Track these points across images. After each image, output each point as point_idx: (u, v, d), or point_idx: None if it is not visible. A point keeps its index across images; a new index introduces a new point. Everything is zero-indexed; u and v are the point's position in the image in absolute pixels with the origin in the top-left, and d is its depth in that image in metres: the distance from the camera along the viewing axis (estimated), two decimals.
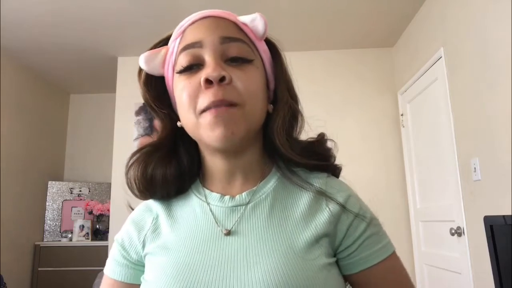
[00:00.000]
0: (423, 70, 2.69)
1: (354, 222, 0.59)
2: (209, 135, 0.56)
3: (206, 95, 0.55)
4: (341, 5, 2.70)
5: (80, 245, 3.56)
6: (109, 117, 3.49)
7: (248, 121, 0.57)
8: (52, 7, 2.65)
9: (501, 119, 1.83)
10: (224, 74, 0.54)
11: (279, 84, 0.64)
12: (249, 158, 0.62)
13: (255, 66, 0.59)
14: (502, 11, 1.80)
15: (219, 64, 0.56)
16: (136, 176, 0.62)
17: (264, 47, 0.63)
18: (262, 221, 0.58)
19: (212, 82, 0.54)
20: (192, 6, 2.64)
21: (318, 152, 0.63)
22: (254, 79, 0.58)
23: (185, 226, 0.61)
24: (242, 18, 0.61)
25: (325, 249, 0.57)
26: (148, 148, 0.63)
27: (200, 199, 0.63)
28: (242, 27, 0.61)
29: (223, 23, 0.59)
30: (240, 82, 0.56)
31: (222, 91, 0.54)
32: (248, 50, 0.59)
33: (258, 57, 0.61)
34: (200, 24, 0.59)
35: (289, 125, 0.62)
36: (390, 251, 0.60)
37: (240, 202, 0.60)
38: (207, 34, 0.58)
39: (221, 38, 0.57)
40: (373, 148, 3.16)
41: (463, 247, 2.20)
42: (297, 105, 0.65)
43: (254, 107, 0.57)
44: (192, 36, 0.59)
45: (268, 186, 0.62)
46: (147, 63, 0.61)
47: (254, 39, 0.61)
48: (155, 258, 0.59)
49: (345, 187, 0.63)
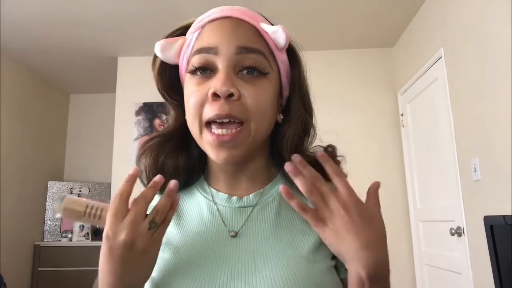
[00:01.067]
0: (423, 70, 2.69)
1: None
2: (211, 155, 0.56)
3: (212, 107, 0.53)
4: (341, 5, 2.70)
5: (80, 245, 3.56)
6: (109, 117, 3.49)
7: (253, 139, 0.56)
8: (52, 8, 2.65)
9: (501, 119, 1.83)
10: (232, 91, 0.53)
11: (294, 95, 0.62)
12: (256, 165, 0.62)
13: (269, 80, 0.57)
14: (502, 11, 1.80)
15: (229, 78, 0.53)
16: (147, 164, 0.61)
17: (283, 58, 0.60)
18: (270, 224, 0.58)
19: (220, 96, 0.53)
20: (192, 6, 2.64)
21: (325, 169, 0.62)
22: (265, 95, 0.56)
23: (191, 224, 0.60)
24: (264, 26, 0.57)
25: (328, 252, 0.57)
26: (161, 138, 0.63)
27: (207, 198, 0.62)
28: (263, 34, 0.58)
29: (242, 29, 0.56)
30: (249, 99, 0.54)
31: (229, 106, 0.53)
32: (264, 62, 0.56)
33: (274, 69, 0.59)
34: (219, 26, 0.57)
35: (298, 139, 0.60)
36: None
37: (248, 203, 0.60)
38: (223, 40, 0.55)
39: (238, 48, 0.55)
40: (373, 148, 3.16)
41: (463, 247, 2.20)
42: (311, 119, 0.63)
43: (261, 124, 0.56)
44: (209, 38, 0.56)
45: (275, 189, 0.62)
46: (163, 51, 0.59)
47: (274, 49, 0.58)
48: (160, 254, 0.58)
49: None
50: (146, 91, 3.13)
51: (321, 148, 0.64)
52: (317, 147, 0.64)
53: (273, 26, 0.57)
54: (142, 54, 3.31)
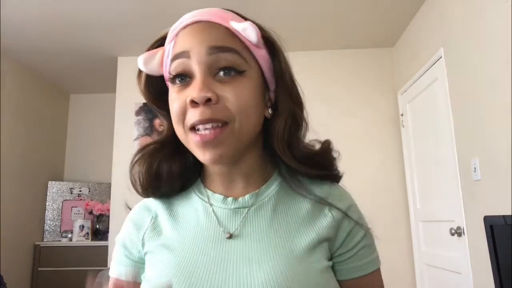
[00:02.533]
0: (423, 70, 2.69)
1: (353, 230, 0.60)
2: (199, 156, 0.56)
3: (194, 113, 0.53)
4: (341, 5, 2.70)
5: (80, 245, 3.56)
6: (109, 117, 3.49)
7: (238, 138, 0.55)
8: (52, 8, 2.65)
9: (501, 119, 1.83)
10: (209, 96, 0.52)
11: (279, 88, 0.61)
12: (249, 163, 0.61)
13: (248, 78, 0.56)
14: (502, 11, 1.80)
15: (205, 83, 0.53)
16: (141, 172, 0.62)
17: (262, 53, 0.59)
18: (265, 224, 0.59)
19: (198, 103, 0.53)
20: (192, 7, 2.64)
21: (321, 163, 0.62)
22: (245, 93, 0.55)
23: (187, 226, 0.61)
24: (233, 25, 0.56)
25: (325, 252, 0.57)
26: (154, 146, 0.63)
27: (203, 199, 0.62)
28: (235, 32, 0.57)
29: (214, 30, 0.56)
30: (229, 100, 0.53)
31: (209, 110, 0.53)
32: (239, 60, 0.55)
33: (252, 66, 0.58)
34: (190, 31, 0.57)
35: (289, 133, 0.59)
36: (378, 265, 0.62)
37: (243, 204, 0.60)
38: (194, 43, 0.55)
39: (209, 49, 0.54)
40: (373, 148, 3.16)
41: (463, 247, 2.20)
42: (300, 111, 0.62)
43: (245, 122, 0.55)
44: (181, 44, 0.56)
45: (270, 189, 0.62)
46: (146, 64, 0.60)
47: (249, 45, 0.57)
48: (156, 256, 0.59)
49: (347, 196, 0.64)
50: None
51: (318, 143, 0.64)
52: (313, 141, 0.64)
53: (242, 23, 0.56)
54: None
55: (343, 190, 0.64)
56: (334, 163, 0.64)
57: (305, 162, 0.60)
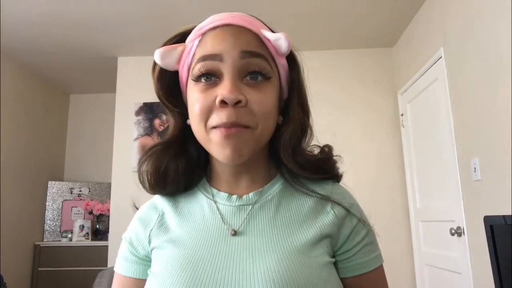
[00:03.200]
0: (423, 70, 2.69)
1: (356, 228, 0.61)
2: (218, 154, 0.57)
3: (219, 115, 0.55)
4: (341, 5, 2.70)
5: (80, 245, 3.56)
6: (109, 117, 3.49)
7: (258, 142, 0.58)
8: (52, 8, 2.65)
9: (501, 119, 1.83)
10: (240, 98, 0.54)
11: (293, 98, 0.63)
12: (255, 163, 0.64)
13: (272, 84, 0.59)
14: (502, 11, 1.80)
15: (236, 85, 0.55)
16: (148, 171, 0.63)
17: (283, 62, 0.62)
18: (268, 221, 0.60)
19: (227, 103, 0.54)
20: (192, 7, 2.64)
21: (322, 167, 0.64)
22: (269, 99, 0.57)
23: (193, 223, 0.62)
24: (266, 34, 0.59)
25: (327, 249, 0.59)
26: (161, 146, 0.64)
27: (208, 197, 0.64)
28: (264, 41, 0.59)
29: (244, 35, 0.57)
30: (255, 105, 0.55)
31: (236, 114, 0.54)
32: (267, 67, 0.58)
33: (276, 73, 0.60)
34: (221, 33, 0.57)
35: (295, 141, 0.62)
36: (381, 262, 0.63)
37: (247, 201, 0.62)
38: (227, 47, 0.56)
39: (242, 53, 0.56)
40: (373, 148, 3.16)
41: (463, 247, 2.20)
42: (308, 120, 0.64)
43: (266, 128, 0.58)
44: (212, 46, 0.57)
45: (274, 188, 0.64)
46: (163, 58, 0.60)
47: (274, 54, 0.60)
48: (162, 251, 0.60)
49: (349, 194, 0.65)
50: (146, 91, 3.12)
51: (317, 148, 0.66)
52: (313, 147, 0.65)
53: (276, 33, 0.59)
54: (142, 54, 3.31)
55: (345, 189, 0.66)
56: (335, 167, 0.66)
57: (307, 167, 0.62)
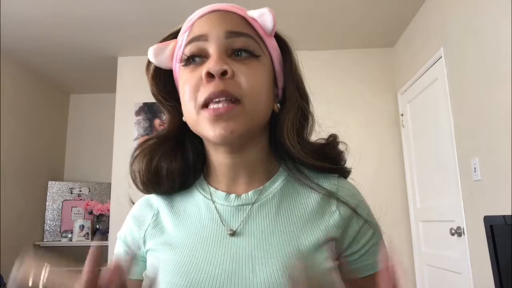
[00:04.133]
0: (423, 70, 2.68)
1: (363, 228, 0.59)
2: (209, 133, 0.55)
3: (207, 88, 0.54)
4: (341, 5, 2.70)
5: (80, 245, 3.55)
6: (109, 117, 3.49)
7: (249, 117, 0.55)
8: (52, 8, 2.65)
9: (501, 119, 1.83)
10: (226, 68, 0.53)
11: (288, 83, 0.62)
12: (254, 156, 0.61)
13: (261, 63, 0.58)
14: (502, 11, 1.80)
15: (222, 58, 0.54)
16: (140, 168, 0.61)
17: (274, 44, 0.61)
18: (269, 222, 0.57)
19: (214, 75, 0.53)
20: (192, 6, 2.64)
21: (330, 155, 0.62)
22: (258, 74, 0.56)
23: (189, 224, 0.60)
24: (250, 13, 0.59)
25: (331, 253, 0.56)
26: (154, 140, 0.63)
27: (205, 196, 0.62)
28: (251, 21, 0.59)
29: (230, 18, 0.58)
30: (243, 77, 0.54)
31: (223, 84, 0.53)
32: (255, 45, 0.57)
33: (266, 54, 0.59)
34: (208, 18, 0.58)
35: (299, 126, 0.60)
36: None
37: (246, 201, 0.59)
38: (213, 27, 0.57)
39: (227, 32, 0.56)
40: (373, 148, 3.16)
41: (463, 247, 2.20)
42: (307, 105, 0.63)
43: (256, 102, 0.56)
44: (199, 29, 0.58)
45: (275, 185, 0.61)
46: (156, 56, 0.60)
47: (263, 35, 0.59)
48: (158, 254, 0.59)
49: (356, 191, 0.63)
50: (146, 91, 3.08)
51: (323, 140, 0.64)
52: (319, 140, 0.64)
53: (260, 9, 0.58)
54: (142, 54, 3.29)
55: (352, 186, 0.64)
56: (342, 155, 0.64)
57: (314, 154, 0.60)
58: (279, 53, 0.62)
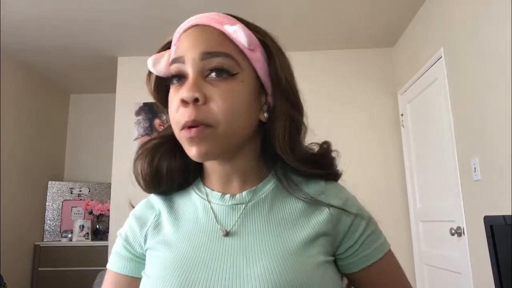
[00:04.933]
0: (423, 70, 2.69)
1: (354, 222, 0.61)
2: (188, 153, 0.57)
3: (182, 113, 0.55)
4: (341, 5, 2.70)
5: (80, 245, 3.56)
6: (109, 117, 3.49)
7: (224, 139, 0.56)
8: (52, 8, 2.65)
9: (501, 119, 1.83)
10: (197, 96, 0.54)
11: (275, 92, 0.61)
12: (245, 164, 0.63)
13: (239, 80, 0.57)
14: (502, 11, 1.80)
15: (195, 83, 0.55)
16: (142, 167, 0.63)
17: (257, 56, 0.59)
18: (262, 221, 0.60)
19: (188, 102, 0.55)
20: (192, 6, 2.64)
21: (322, 163, 0.63)
22: (234, 95, 0.56)
23: (186, 223, 0.62)
24: (226, 28, 0.58)
25: (322, 248, 0.58)
26: (157, 141, 0.65)
27: (201, 197, 0.64)
28: (229, 35, 0.58)
29: (207, 35, 0.58)
30: (216, 101, 0.55)
31: (195, 112, 0.54)
32: (231, 63, 0.56)
33: (246, 69, 0.58)
34: (188, 35, 0.59)
35: (289, 136, 0.60)
36: (387, 248, 0.63)
37: (241, 200, 0.61)
38: (189, 49, 0.57)
39: (202, 54, 0.56)
40: (373, 148, 3.16)
41: (463, 247, 2.20)
42: (299, 114, 0.62)
43: (232, 125, 0.56)
44: (179, 49, 0.59)
45: (267, 187, 0.63)
46: (154, 66, 0.62)
47: (243, 48, 0.58)
48: (156, 252, 0.60)
49: (342, 190, 0.64)
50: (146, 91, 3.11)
51: (317, 145, 0.65)
52: (312, 144, 0.65)
53: (233, 26, 0.58)
54: (142, 54, 3.30)
55: (339, 185, 0.65)
56: (334, 163, 0.65)
57: (305, 162, 0.61)
58: (263, 63, 0.61)
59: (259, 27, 0.63)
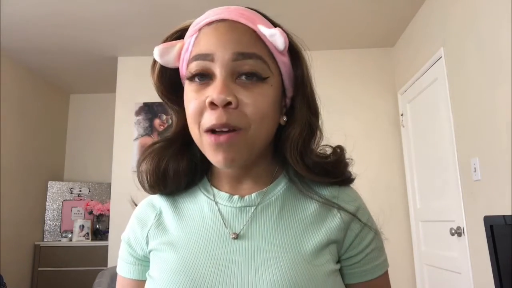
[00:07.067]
0: (423, 70, 2.68)
1: (362, 232, 0.59)
2: (212, 159, 0.55)
3: (210, 116, 0.52)
4: (341, 5, 2.70)
5: (80, 245, 3.56)
6: (109, 117, 3.49)
7: (251, 144, 0.54)
8: (52, 8, 2.65)
9: (501, 119, 1.83)
10: (230, 100, 0.51)
11: (298, 96, 0.60)
12: (259, 168, 0.61)
13: (269, 84, 0.55)
14: (502, 11, 1.80)
15: (226, 85, 0.52)
16: (148, 170, 0.61)
17: (284, 59, 0.58)
18: (272, 224, 0.57)
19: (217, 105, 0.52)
20: (192, 6, 2.64)
21: (332, 171, 0.60)
22: (264, 100, 0.54)
23: (192, 224, 0.60)
24: (262, 29, 0.55)
25: (332, 256, 0.56)
26: (162, 143, 0.62)
27: (208, 197, 0.62)
28: (261, 36, 0.56)
29: (239, 33, 0.54)
30: (248, 106, 0.53)
31: (226, 115, 0.52)
32: (262, 66, 0.54)
33: (274, 72, 0.57)
34: (215, 30, 0.55)
35: (303, 142, 0.58)
36: (385, 268, 0.61)
37: (250, 203, 0.59)
38: (219, 47, 0.53)
39: (234, 54, 0.53)
40: (373, 148, 3.16)
41: (463, 247, 2.20)
42: (316, 120, 0.61)
43: (260, 130, 0.54)
44: (205, 44, 0.55)
45: (278, 188, 0.61)
46: (162, 56, 0.58)
47: (273, 51, 0.56)
48: (160, 254, 0.59)
49: (356, 197, 0.62)
50: (146, 91, 3.13)
51: (330, 148, 0.63)
52: (325, 146, 0.63)
53: (271, 29, 0.55)
54: (142, 54, 3.31)
55: (353, 191, 0.63)
56: (345, 171, 0.62)
57: (316, 170, 0.59)
58: (289, 66, 0.60)
59: (288, 30, 0.61)
